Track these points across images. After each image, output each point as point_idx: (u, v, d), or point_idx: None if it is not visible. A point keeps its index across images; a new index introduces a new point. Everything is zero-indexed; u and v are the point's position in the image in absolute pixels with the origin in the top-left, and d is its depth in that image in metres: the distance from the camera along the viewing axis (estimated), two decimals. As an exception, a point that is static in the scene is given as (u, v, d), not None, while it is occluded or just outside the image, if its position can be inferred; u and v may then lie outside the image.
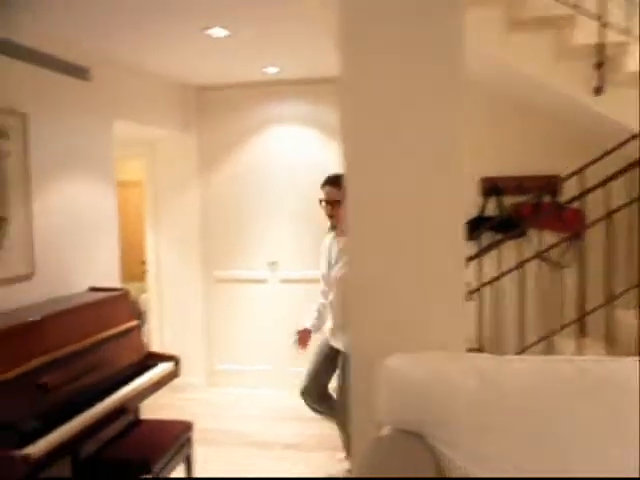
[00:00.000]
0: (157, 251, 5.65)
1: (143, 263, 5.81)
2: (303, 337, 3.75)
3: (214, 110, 5.46)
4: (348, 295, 2.89)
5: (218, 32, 3.63)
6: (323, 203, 3.58)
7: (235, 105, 5.41)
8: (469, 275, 3.27)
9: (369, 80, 2.61)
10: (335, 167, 5.26)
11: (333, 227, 3.64)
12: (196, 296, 5.56)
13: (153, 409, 3.75)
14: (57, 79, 3.61)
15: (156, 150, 5.51)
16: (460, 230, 2.75)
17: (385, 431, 2.64)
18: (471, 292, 3.46)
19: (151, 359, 3.58)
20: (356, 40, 2.63)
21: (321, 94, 5.21)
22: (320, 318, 3.78)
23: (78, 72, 3.78)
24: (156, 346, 5.33)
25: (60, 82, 3.65)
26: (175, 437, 3.17)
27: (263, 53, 4.28)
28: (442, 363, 2.64)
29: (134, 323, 3.65)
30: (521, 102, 4.39)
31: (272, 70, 4.74)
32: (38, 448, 2.49)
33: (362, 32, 2.61)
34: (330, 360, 3.63)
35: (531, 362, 2.52)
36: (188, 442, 3.30)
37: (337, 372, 3.61)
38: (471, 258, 3.59)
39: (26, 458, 2.39)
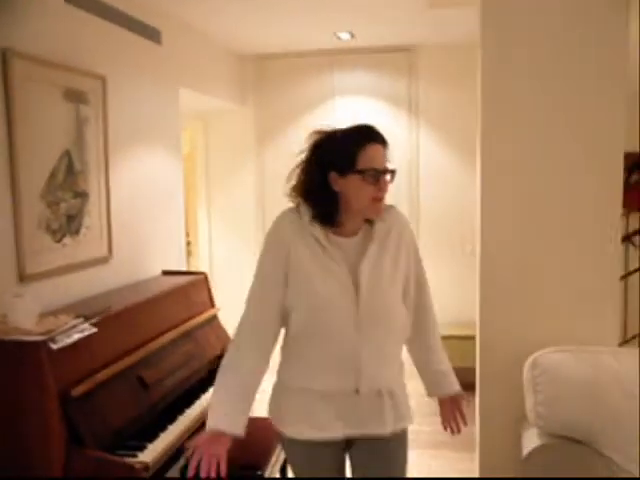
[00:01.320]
0: (209, 232, 5.30)
1: (188, 244, 5.45)
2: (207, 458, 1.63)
3: (273, 81, 5.09)
4: (483, 287, 2.60)
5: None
6: (370, 176, 1.67)
7: (296, 75, 5.04)
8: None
9: (517, 71, 2.51)
10: (405, 142, 4.98)
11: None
12: (251, 281, 5.23)
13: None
14: (131, 39, 3.25)
15: (209, 123, 5.15)
16: (616, 217, 2.51)
17: (534, 436, 2.35)
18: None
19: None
20: (502, 32, 2.50)
21: (393, 64, 4.87)
22: (247, 393, 1.79)
23: (151, 34, 3.41)
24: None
25: (134, 43, 3.28)
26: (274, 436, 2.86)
27: (338, 13, 3.88)
28: (606, 360, 2.35)
29: (216, 310, 3.34)
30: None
31: (345, 36, 4.36)
32: (150, 455, 2.18)
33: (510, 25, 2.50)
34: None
35: None
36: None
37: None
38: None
39: (146, 466, 2.09)
